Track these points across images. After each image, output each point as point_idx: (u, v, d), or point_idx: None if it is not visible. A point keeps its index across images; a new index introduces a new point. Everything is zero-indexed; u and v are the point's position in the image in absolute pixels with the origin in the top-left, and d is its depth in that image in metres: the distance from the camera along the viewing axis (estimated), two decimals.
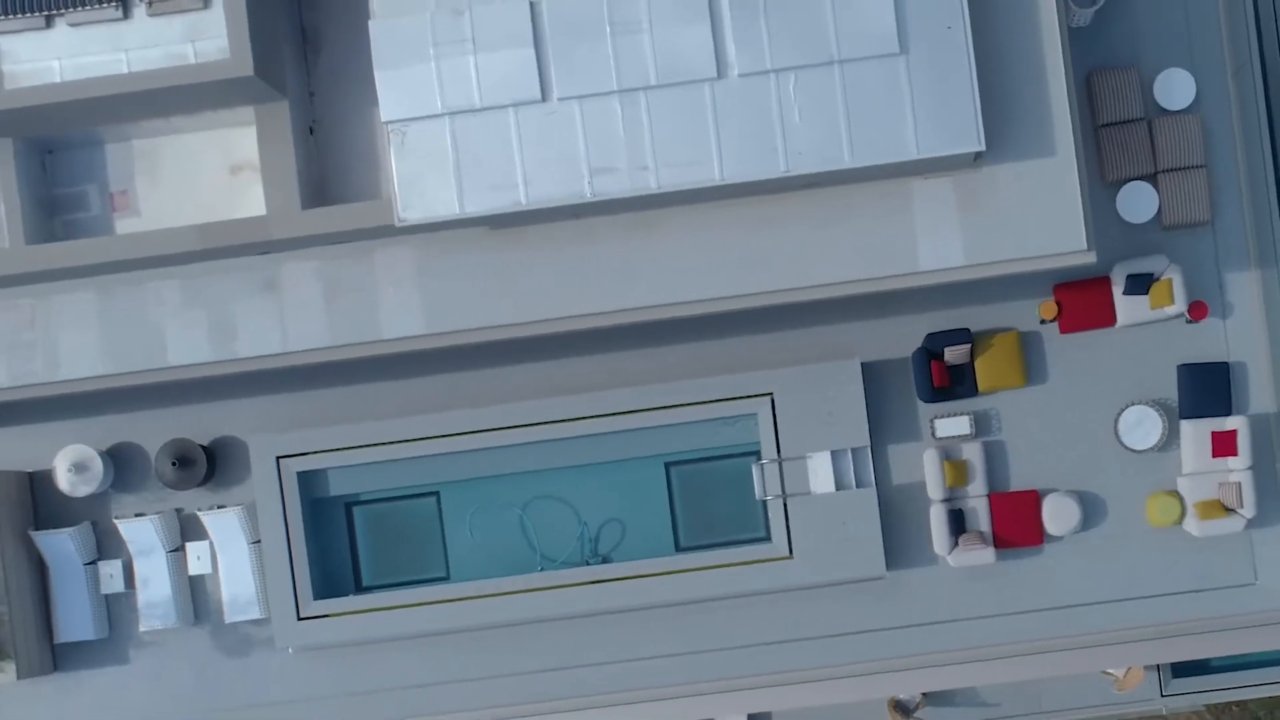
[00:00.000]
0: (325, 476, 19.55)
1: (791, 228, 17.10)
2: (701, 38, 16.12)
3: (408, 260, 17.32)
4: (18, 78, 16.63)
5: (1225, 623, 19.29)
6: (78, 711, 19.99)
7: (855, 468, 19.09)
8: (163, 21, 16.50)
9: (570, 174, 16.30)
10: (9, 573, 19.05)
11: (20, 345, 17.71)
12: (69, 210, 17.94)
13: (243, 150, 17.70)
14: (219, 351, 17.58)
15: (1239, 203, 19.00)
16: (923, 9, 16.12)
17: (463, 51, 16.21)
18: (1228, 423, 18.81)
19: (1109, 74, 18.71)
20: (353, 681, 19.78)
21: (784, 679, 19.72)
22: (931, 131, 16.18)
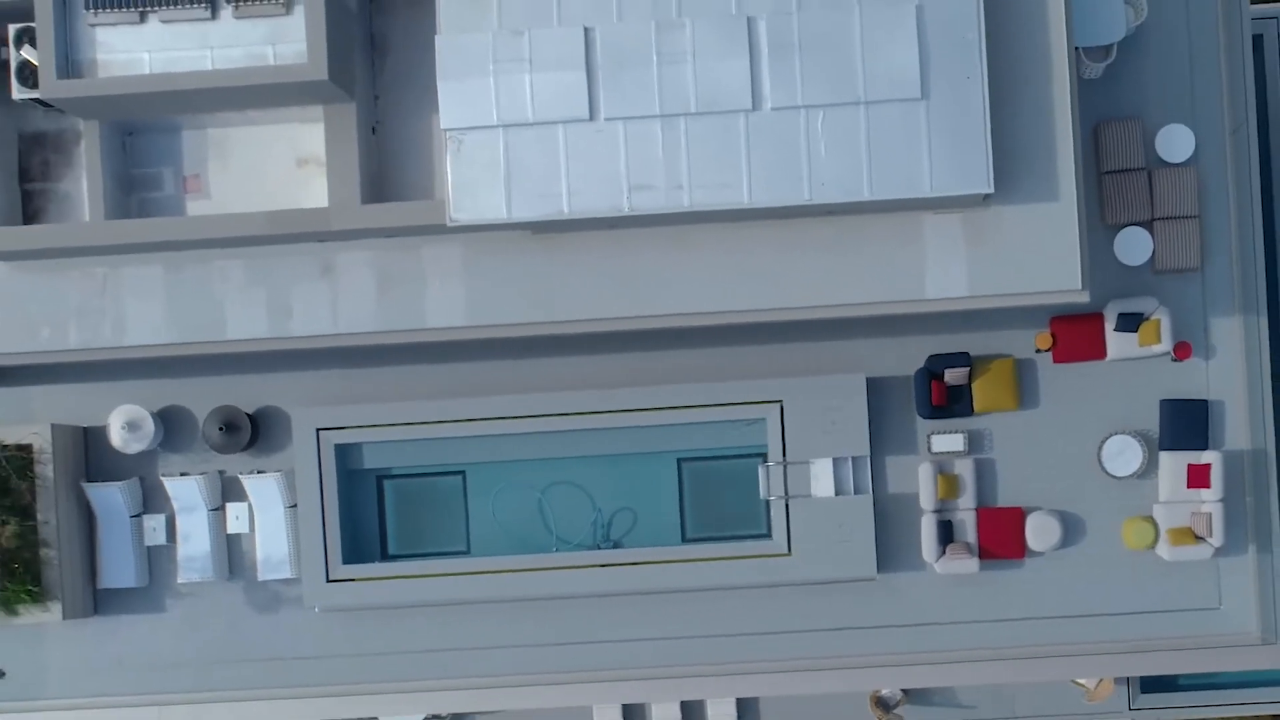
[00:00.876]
0: (360, 450, 21.12)
1: (810, 250, 18.74)
2: (740, 72, 17.77)
3: (455, 257, 18.98)
4: (110, 67, 18.25)
5: (1189, 643, 20.86)
6: (114, 653, 21.56)
7: (855, 475, 20.67)
8: (246, 23, 18.12)
9: (611, 189, 17.96)
10: (60, 520, 20.68)
11: (91, 310, 19.35)
12: (145, 189, 19.56)
13: (309, 144, 19.33)
14: (275, 329, 19.25)
15: (1228, 253, 20.59)
16: (944, 59, 17.77)
17: (520, 69, 17.85)
18: (1203, 457, 20.42)
19: (1115, 125, 20.33)
20: (373, 643, 21.35)
21: (774, 667, 21.29)
22: (945, 172, 17.83)
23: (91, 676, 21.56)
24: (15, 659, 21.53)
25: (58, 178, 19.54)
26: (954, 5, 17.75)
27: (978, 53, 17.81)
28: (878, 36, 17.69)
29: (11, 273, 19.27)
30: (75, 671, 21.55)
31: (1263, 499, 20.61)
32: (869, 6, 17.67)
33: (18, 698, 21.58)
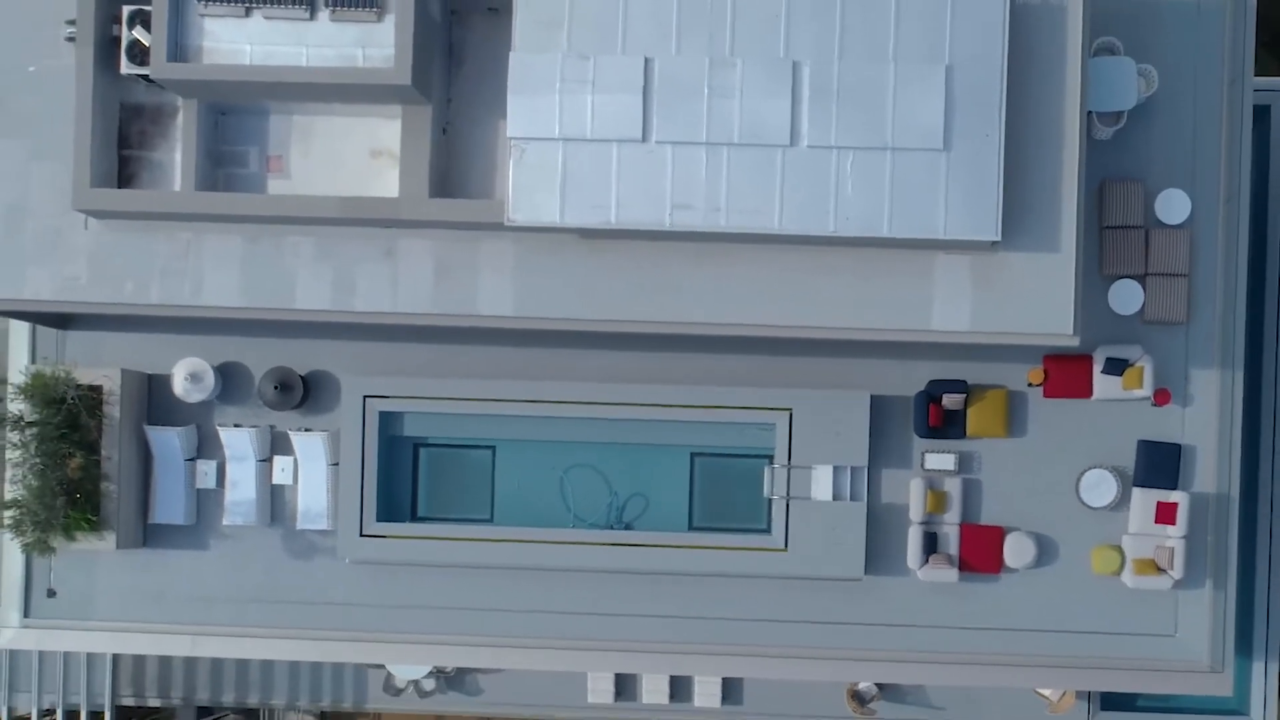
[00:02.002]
0: (402, 418, 23.33)
1: (830, 277, 20.94)
2: (781, 110, 20.00)
3: (508, 253, 21.23)
4: (214, 54, 20.49)
5: (1144, 665, 23.12)
6: (159, 584, 23.81)
7: (852, 483, 22.88)
8: (341, 26, 20.33)
9: (655, 205, 20.20)
10: (121, 457, 22.95)
11: (173, 271, 21.60)
12: (232, 165, 21.78)
13: (383, 138, 21.52)
14: (338, 303, 21.50)
15: (1213, 311, 22.74)
16: (967, 115, 19.98)
17: (583, 90, 20.08)
18: (1172, 496, 22.62)
19: (1119, 184, 22.52)
20: (396, 596, 23.60)
21: (760, 652, 23.57)
22: (958, 218, 20.07)
23: (135, 603, 23.80)
24: (67, 581, 23.82)
25: (153, 147, 21.75)
26: (980, 68, 19.93)
27: (998, 112, 20.00)
28: (909, 90, 19.90)
29: (104, 231, 21.52)
30: (120, 597, 23.81)
31: (1222, 540, 22.85)
32: (903, 63, 19.88)
33: (65, 616, 23.88)
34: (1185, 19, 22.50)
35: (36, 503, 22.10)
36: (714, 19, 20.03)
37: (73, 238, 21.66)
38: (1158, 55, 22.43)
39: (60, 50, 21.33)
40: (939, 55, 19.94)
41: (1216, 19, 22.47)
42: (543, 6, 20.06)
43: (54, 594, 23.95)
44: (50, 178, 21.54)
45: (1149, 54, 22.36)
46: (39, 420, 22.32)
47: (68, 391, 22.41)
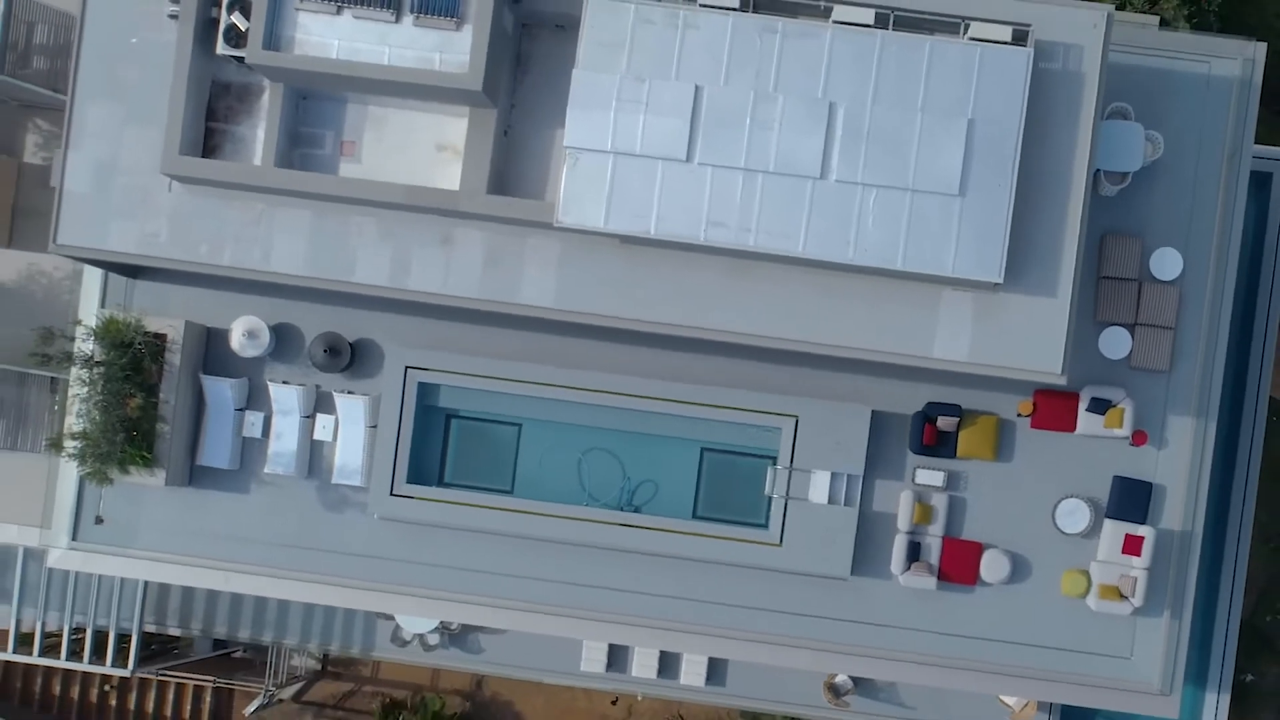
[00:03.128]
0: (438, 390, 25.68)
1: (844, 300, 23.35)
2: (815, 146, 22.41)
3: (553, 250, 23.65)
4: (304, 45, 22.92)
5: (1100, 683, 25.53)
6: (199, 521, 26.23)
7: (847, 489, 25.24)
8: (422, 31, 22.76)
9: (692, 220, 22.61)
10: (177, 401, 25.37)
11: (245, 238, 24.05)
12: (308, 146, 24.20)
13: (449, 134, 23.93)
14: (394, 280, 23.93)
15: (1193, 364, 25.08)
16: (983, 166, 22.37)
17: (636, 110, 22.50)
18: (1140, 529, 25.00)
19: (1119, 239, 24.91)
20: (417, 553, 26.03)
21: (746, 637, 25.98)
22: (966, 259, 22.47)
23: (175, 537, 26.25)
24: (116, 510, 26.25)
25: (237, 122, 24.19)
26: (999, 125, 22.33)
27: (1011, 166, 22.39)
28: (933, 138, 22.31)
29: (186, 194, 23.96)
30: (162, 530, 26.25)
31: (1182, 575, 25.25)
32: (930, 113, 22.29)
33: (110, 542, 26.32)
34: (1194, 92, 24.82)
35: (99, 436, 24.49)
36: (762, 57, 22.42)
37: (156, 198, 24.10)
38: (1166, 123, 24.75)
39: (162, 26, 23.73)
40: (963, 109, 22.31)
41: (1223, 94, 24.79)
42: (607, 30, 22.47)
43: (101, 521, 26.33)
44: (141, 141, 24.00)
45: (1158, 121, 24.68)
46: (107, 361, 24.69)
47: (135, 337, 24.79)
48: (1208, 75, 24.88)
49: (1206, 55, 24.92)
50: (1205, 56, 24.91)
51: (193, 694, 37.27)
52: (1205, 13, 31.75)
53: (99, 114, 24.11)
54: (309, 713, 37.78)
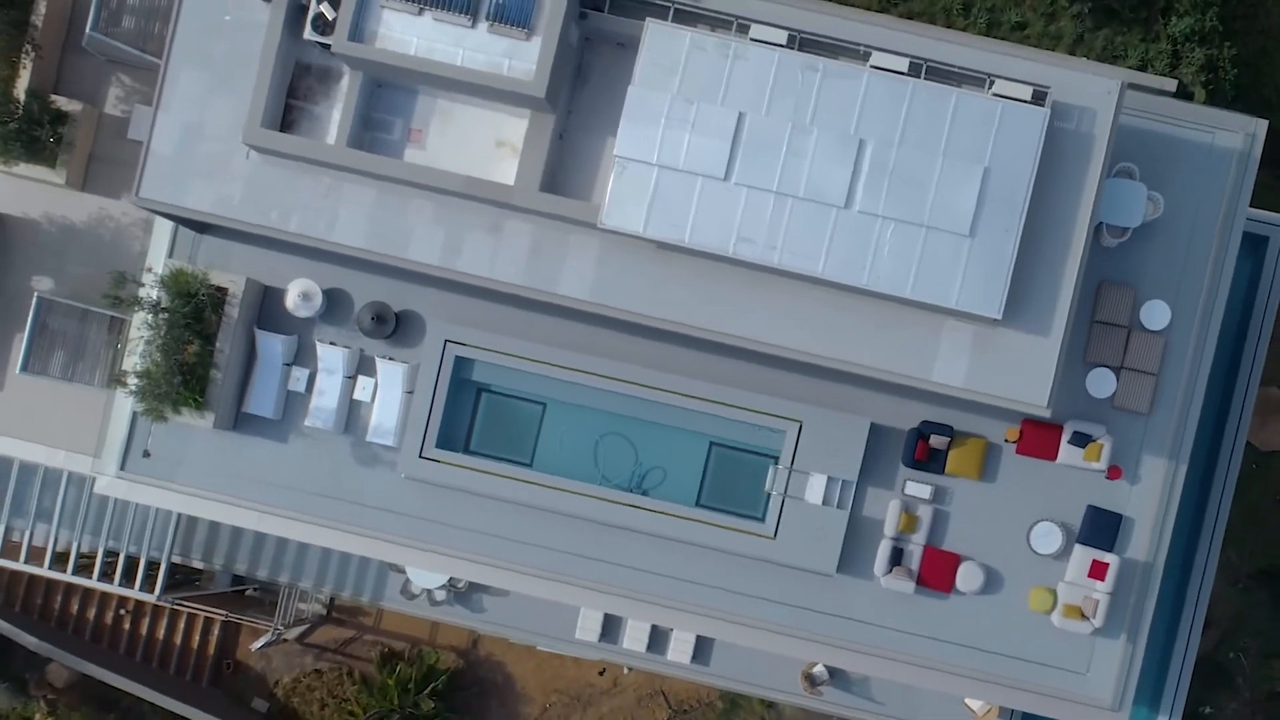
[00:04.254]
0: (473, 365, 28.22)
1: (855, 320, 25.94)
2: (843, 178, 25.01)
3: (594, 248, 26.24)
4: (385, 40, 25.52)
5: (1055, 694, 28.16)
6: (239, 464, 28.82)
7: (840, 493, 27.83)
8: (495, 38, 25.34)
9: (723, 234, 25.23)
10: (231, 351, 27.94)
11: (312, 208, 26.63)
12: (379, 130, 26.80)
13: (509, 132, 26.50)
14: (445, 261, 26.52)
15: (1171, 409, 27.64)
16: (994, 211, 24.96)
17: (683, 129, 25.11)
18: (1107, 556, 27.59)
19: (1114, 288, 27.46)
20: (437, 512, 28.61)
21: (734, 620, 28.56)
22: (969, 294, 25.08)
23: (216, 476, 28.84)
24: (163, 446, 28.83)
25: (315, 101, 26.81)
26: (1012, 174, 24.91)
27: (1020, 214, 24.97)
28: (951, 181, 24.90)
29: (262, 163, 26.54)
30: (205, 468, 28.83)
31: (1141, 602, 27.83)
32: (950, 158, 24.87)
33: (155, 475, 28.90)
34: (1197, 159, 27.33)
35: (160, 377, 27.10)
36: (802, 92, 25.02)
37: (234, 164, 26.68)
38: (1168, 185, 27.27)
39: (255, 7, 26.31)
40: (980, 157, 24.91)
41: (1224, 163, 27.30)
42: (663, 53, 25.09)
43: (148, 455, 28.87)
44: (225, 110, 26.60)
45: (1160, 183, 27.19)
46: (171, 308, 27.27)
47: (200, 289, 27.38)
48: (1211, 145, 27.36)
49: (1212, 126, 27.41)
50: (1210, 128, 27.39)
51: (202, 625, 39.79)
52: (1221, 81, 34.25)
53: (189, 81, 26.64)
54: (310, 654, 40.37)
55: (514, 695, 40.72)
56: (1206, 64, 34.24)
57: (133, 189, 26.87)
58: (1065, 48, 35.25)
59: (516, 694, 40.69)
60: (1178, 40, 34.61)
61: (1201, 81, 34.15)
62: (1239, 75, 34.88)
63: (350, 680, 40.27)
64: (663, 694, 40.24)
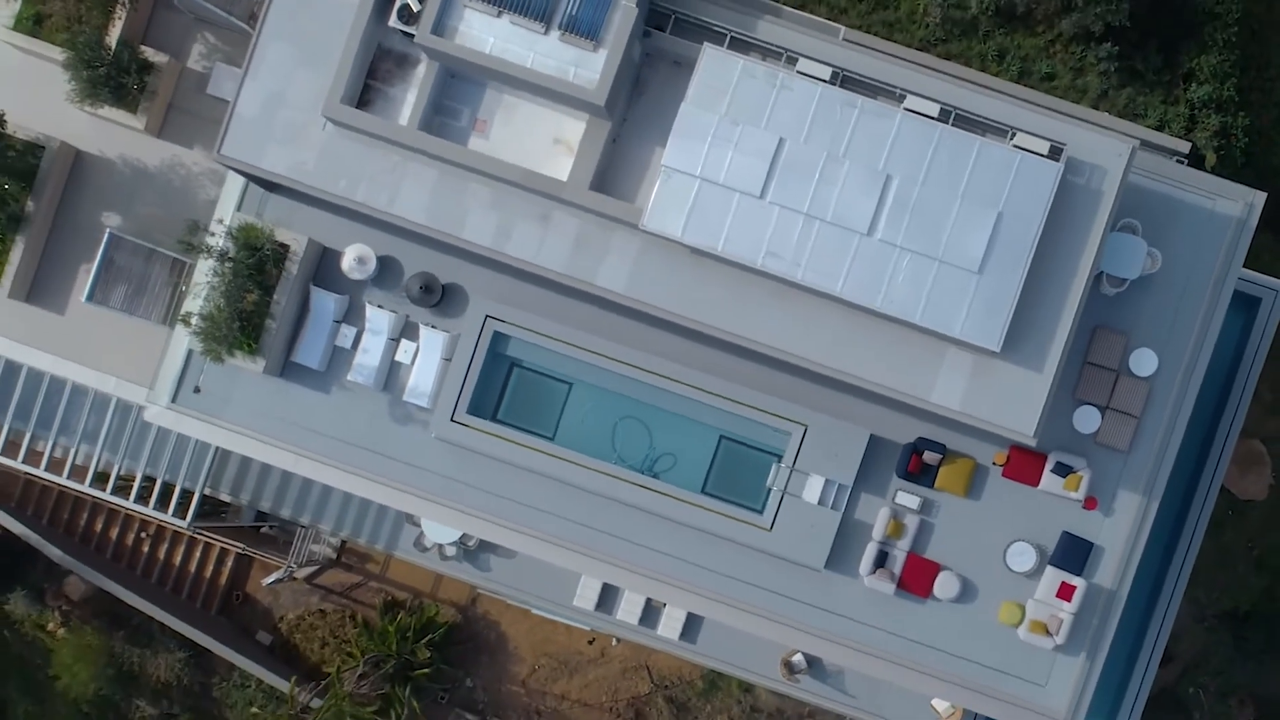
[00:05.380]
0: (509, 341, 31.06)
1: (865, 337, 28.84)
2: (868, 207, 27.91)
3: (633, 246, 29.15)
4: (464, 36, 28.40)
5: (1014, 701, 31.02)
6: (282, 408, 31.67)
7: (835, 495, 30.69)
8: (565, 46, 28.23)
9: (754, 247, 28.13)
10: (287, 304, 30.79)
11: (378, 182, 29.54)
12: (447, 116, 29.73)
13: (566, 131, 29.42)
14: (495, 243, 29.43)
15: (1149, 450, 30.46)
16: (1003, 253, 27.84)
17: (726, 147, 28.01)
18: (1075, 580, 30.43)
19: (1108, 333, 30.31)
20: (461, 472, 31.47)
21: (724, 601, 31.36)
22: (972, 326, 27.96)
23: (259, 417, 31.73)
24: (214, 384, 31.72)
25: (391, 84, 29.76)
26: (1023, 221, 27.76)
27: (1026, 257, 27.83)
28: (966, 221, 27.78)
29: (337, 135, 29.49)
30: (250, 409, 31.72)
31: (1102, 626, 30.70)
32: (968, 201, 27.76)
33: (202, 410, 31.80)
34: (1197, 222, 30.12)
35: (221, 320, 30.05)
36: (839, 125, 27.91)
37: (311, 134, 29.62)
38: (1167, 243, 30.07)
39: None
40: (995, 202, 27.78)
41: (1222, 229, 30.06)
42: (716, 76, 28.02)
43: (199, 391, 31.76)
44: (308, 84, 29.50)
45: (1161, 240, 30.01)
46: (236, 258, 30.20)
47: (265, 244, 30.25)
48: (1211, 210, 30.15)
49: (1214, 193, 30.20)
50: (1212, 194, 30.18)
51: (218, 556, 42.83)
52: (1233, 148, 37.16)
53: (278, 53, 29.53)
54: (316, 595, 43.30)
55: (505, 654, 43.54)
56: (1220, 130, 37.11)
57: (215, 146, 29.73)
58: (1089, 101, 38.12)
59: (508, 653, 43.52)
60: (1195, 105, 37.51)
61: (1214, 146, 36.97)
62: (1250, 143, 37.72)
63: (352, 623, 43.11)
64: (647, 668, 43.03)
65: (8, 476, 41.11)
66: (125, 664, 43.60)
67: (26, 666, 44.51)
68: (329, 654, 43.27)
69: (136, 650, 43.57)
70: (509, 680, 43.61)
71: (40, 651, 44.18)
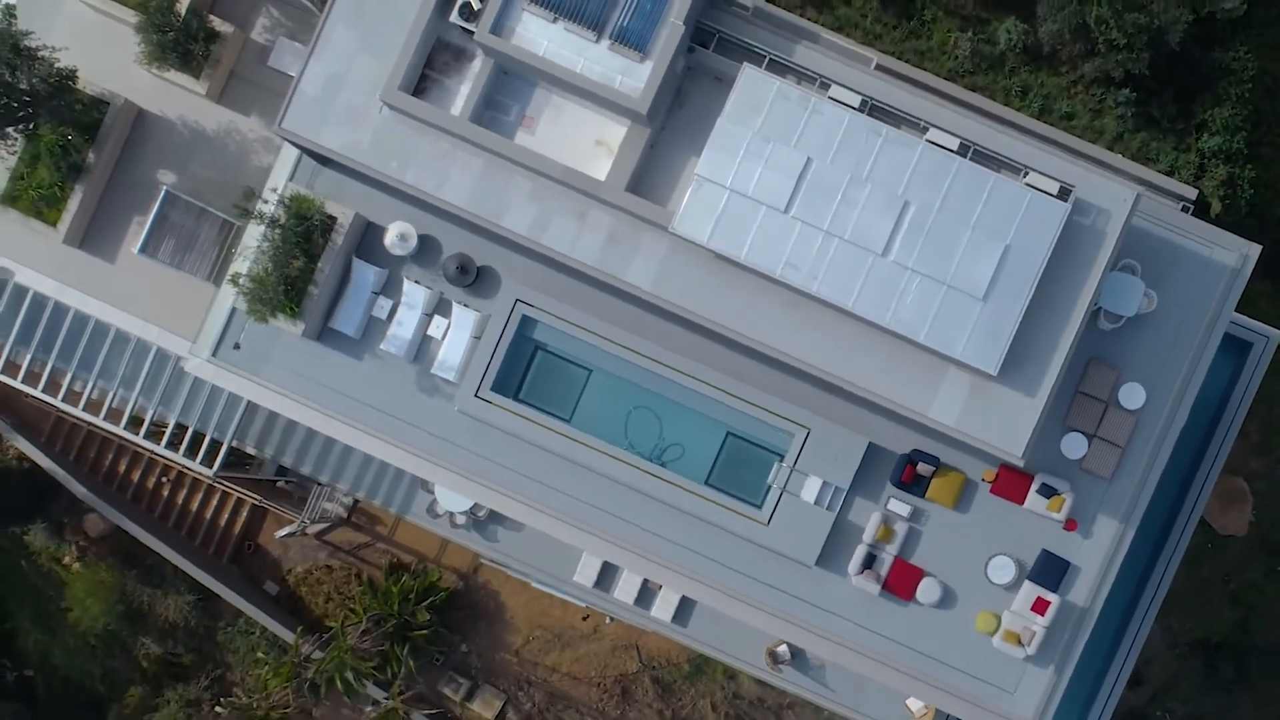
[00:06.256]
0: (535, 325, 33.36)
1: (872, 350, 31.13)
2: (885, 230, 30.21)
3: (661, 246, 31.47)
4: (520, 37, 30.71)
5: (983, 705, 33.34)
6: (317, 371, 33.93)
7: (831, 498, 32.97)
8: (613, 55, 30.53)
9: (774, 258, 30.43)
10: (330, 272, 33.16)
11: (427, 166, 31.84)
12: (497, 111, 32.04)
13: (607, 134, 31.70)
14: (533, 233, 31.77)
15: (1131, 480, 32.71)
16: (1007, 283, 30.07)
17: (757, 162, 30.31)
18: (1050, 596, 32.71)
19: (1101, 366, 32.57)
20: (479, 445, 33.77)
21: (717, 587, 33.65)
22: (973, 349, 30.24)
23: (294, 377, 34.06)
24: (254, 342, 34.04)
25: (446, 75, 32.10)
26: (1029, 255, 30.01)
27: (1029, 289, 30.06)
28: (975, 251, 30.05)
29: (392, 119, 31.82)
30: (286, 369, 34.04)
31: (1072, 641, 32.99)
32: (979, 231, 30.05)
33: (240, 365, 34.15)
34: (1194, 267, 32.34)
35: (269, 283, 32.42)
36: (863, 150, 30.20)
37: (368, 116, 31.98)
38: (1164, 285, 32.29)
39: None
40: (1004, 235, 30.07)
41: (1217, 276, 32.27)
42: (753, 95, 30.35)
43: (239, 347, 34.10)
44: (368, 68, 31.85)
45: (1158, 282, 32.24)
46: (286, 226, 32.52)
47: (315, 214, 32.62)
48: (1208, 258, 32.38)
49: (1212, 242, 32.41)
50: (1210, 243, 32.40)
51: (234, 505, 45.21)
52: (1238, 198, 39.46)
53: (342, 37, 31.88)
54: (325, 551, 45.56)
55: (502, 623, 45.81)
56: (1227, 180, 39.43)
57: (276, 119, 32.10)
58: (1105, 142, 40.42)
59: (504, 622, 45.79)
60: (1206, 155, 39.82)
61: (1220, 195, 39.26)
62: (1255, 195, 39.93)
63: (357, 581, 45.42)
64: (637, 648, 45.28)
65: (39, 413, 43.52)
66: (136, 602, 45.96)
67: (40, 597, 46.79)
68: (332, 609, 45.48)
69: (147, 590, 45.95)
70: (503, 648, 45.83)
71: (54, 584, 46.49)
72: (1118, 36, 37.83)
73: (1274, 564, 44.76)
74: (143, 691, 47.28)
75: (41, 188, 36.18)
